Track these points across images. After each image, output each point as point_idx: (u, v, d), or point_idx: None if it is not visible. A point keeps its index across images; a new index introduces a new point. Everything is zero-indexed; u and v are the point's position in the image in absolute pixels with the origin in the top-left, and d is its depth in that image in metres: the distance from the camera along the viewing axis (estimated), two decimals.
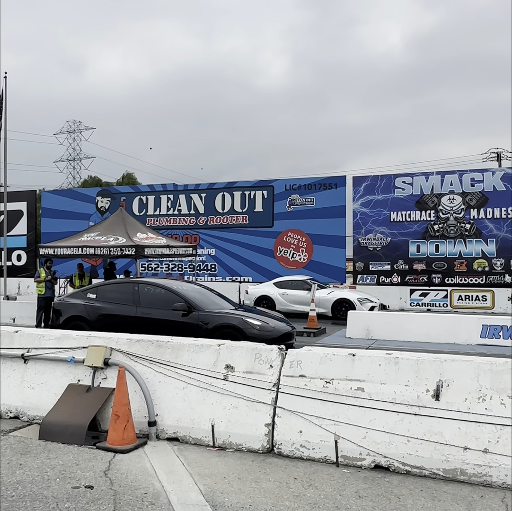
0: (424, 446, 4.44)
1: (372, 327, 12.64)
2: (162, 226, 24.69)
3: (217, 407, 5.15)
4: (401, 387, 4.68)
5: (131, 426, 5.03)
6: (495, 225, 20.41)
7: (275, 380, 5.08)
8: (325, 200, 22.38)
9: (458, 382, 4.55)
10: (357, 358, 4.93)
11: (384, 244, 21.74)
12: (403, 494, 4.07)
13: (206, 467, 4.60)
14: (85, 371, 5.73)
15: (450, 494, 4.08)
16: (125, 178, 54.00)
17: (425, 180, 21.38)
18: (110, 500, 3.93)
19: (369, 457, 4.57)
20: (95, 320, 10.62)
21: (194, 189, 25.06)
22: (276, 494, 4.06)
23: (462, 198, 20.81)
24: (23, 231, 27.44)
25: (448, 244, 20.90)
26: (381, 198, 21.80)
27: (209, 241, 24.39)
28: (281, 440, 4.87)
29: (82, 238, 15.18)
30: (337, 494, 4.07)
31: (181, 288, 10.78)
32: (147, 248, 14.44)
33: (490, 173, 20.86)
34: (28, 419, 5.80)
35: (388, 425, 4.58)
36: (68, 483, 4.23)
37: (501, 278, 20.19)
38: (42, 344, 6.10)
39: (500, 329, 11.50)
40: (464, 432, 4.38)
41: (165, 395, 5.37)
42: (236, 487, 4.18)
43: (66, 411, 5.42)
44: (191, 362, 5.42)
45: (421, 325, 12.22)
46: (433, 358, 4.77)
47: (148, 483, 4.24)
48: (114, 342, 5.80)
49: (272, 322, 10.08)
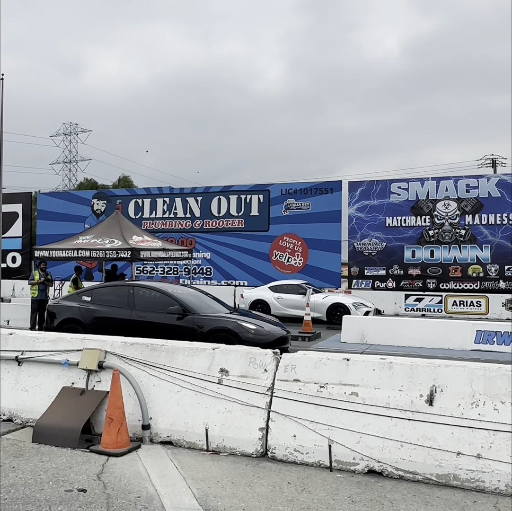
0: (417, 451, 4.45)
1: (367, 332, 12.66)
2: (157, 229, 24.66)
3: (211, 411, 5.15)
4: (395, 392, 4.69)
5: (124, 430, 5.02)
6: (490, 231, 20.49)
7: (269, 384, 5.09)
8: (321, 204, 22.42)
9: (452, 388, 4.57)
10: (351, 362, 4.94)
11: (379, 249, 21.79)
12: (396, 499, 4.08)
13: (200, 471, 4.60)
14: (79, 374, 5.72)
15: (443, 499, 4.09)
16: (121, 181, 53.97)
17: (420, 186, 21.44)
18: (103, 504, 3.93)
19: (362, 462, 4.57)
20: (90, 323, 10.60)
21: (190, 192, 25.06)
22: (270, 498, 4.06)
23: (457, 204, 20.89)
24: (18, 233, 27.35)
25: (443, 249, 20.96)
26: (377, 203, 21.85)
27: (205, 244, 24.38)
28: (275, 445, 4.87)
29: (78, 240, 15.14)
30: (331, 498, 4.07)
31: (176, 291, 10.78)
32: (142, 251, 14.42)
33: (485, 180, 20.94)
34: (22, 421, 5.78)
35: (382, 430, 4.59)
36: (61, 487, 4.22)
37: (496, 284, 20.26)
38: (37, 347, 6.08)
39: (494, 335, 11.53)
40: (457, 438, 4.39)
41: (159, 398, 5.36)
42: (230, 491, 4.18)
43: (59, 414, 5.41)
44: (185, 365, 5.42)
45: (416, 330, 12.25)
46: (427, 363, 4.79)
47: (141, 487, 4.23)
48: (108, 345, 5.79)
49: (267, 326, 10.09)
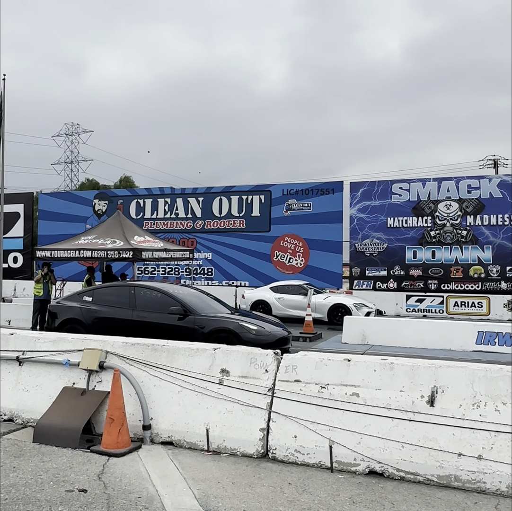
0: (418, 452, 4.44)
1: (368, 333, 12.64)
2: (159, 229, 24.67)
3: (212, 411, 5.14)
4: (396, 392, 4.68)
5: (125, 430, 5.02)
6: (492, 232, 20.46)
7: (270, 384, 5.08)
8: (322, 205, 22.41)
9: (453, 388, 4.56)
10: (352, 363, 4.94)
11: (380, 250, 21.77)
12: (397, 500, 4.07)
13: (200, 471, 4.59)
14: (80, 374, 5.71)
15: (444, 500, 4.08)
16: (122, 181, 53.99)
17: (422, 186, 21.42)
18: (103, 504, 3.92)
19: (363, 463, 4.57)
20: (91, 323, 10.60)
21: (191, 193, 25.06)
22: (270, 499, 4.05)
23: (459, 205, 20.87)
24: (20, 233, 27.38)
25: (444, 250, 20.93)
26: (378, 203, 21.84)
27: (206, 245, 24.38)
28: (276, 445, 4.86)
29: (79, 241, 15.15)
30: (331, 499, 4.07)
31: (177, 291, 10.78)
32: (144, 251, 14.43)
33: (486, 180, 20.91)
34: (23, 421, 5.78)
35: (383, 431, 4.58)
36: (62, 487, 4.22)
37: (497, 284, 20.24)
38: (38, 347, 6.08)
39: (496, 336, 11.52)
40: (458, 439, 4.39)
41: (160, 399, 5.36)
42: (230, 492, 4.18)
43: (60, 414, 5.41)
44: (186, 366, 5.41)
45: (417, 331, 12.24)
46: (428, 364, 4.78)
47: (142, 487, 4.23)
48: (109, 345, 5.79)
49: (268, 327, 10.08)
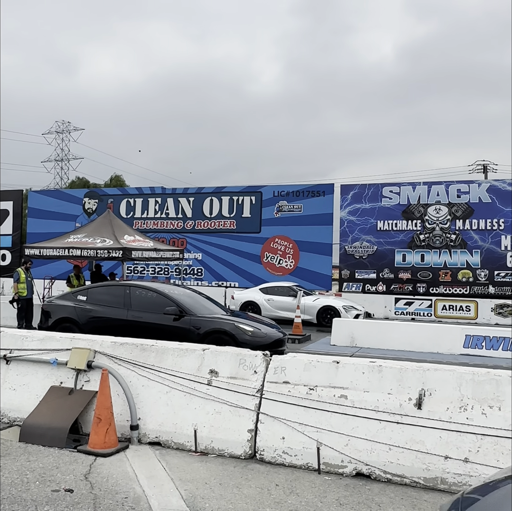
0: (405, 455, 4.46)
1: (357, 335, 12.68)
2: (149, 229, 24.58)
3: (200, 412, 5.14)
4: (384, 395, 4.70)
5: (113, 430, 5.00)
6: (480, 237, 20.60)
7: (259, 386, 5.08)
8: (313, 207, 22.45)
9: (441, 392, 4.59)
10: (341, 365, 4.95)
11: (370, 253, 21.85)
12: (384, 502, 4.09)
13: (188, 472, 4.58)
14: (68, 373, 5.68)
15: (430, 502, 4.10)
16: (113, 180, 53.79)
17: (412, 190, 21.53)
18: (90, 504, 3.90)
19: (350, 465, 4.58)
20: (85, 322, 10.46)
21: (182, 193, 25.01)
22: (257, 500, 4.05)
23: (448, 209, 21.00)
24: (9, 231, 27.16)
25: (433, 254, 21.05)
26: (368, 206, 21.92)
27: (196, 245, 24.33)
28: (264, 446, 4.87)
29: (69, 239, 15.07)
30: (318, 501, 4.08)
31: (173, 292, 10.66)
32: (134, 250, 14.38)
33: (476, 185, 21.06)
34: (9, 420, 5.74)
35: (370, 433, 4.60)
36: (48, 486, 4.19)
37: (485, 289, 20.38)
38: (25, 345, 6.04)
39: (483, 340, 11.60)
40: (445, 441, 4.41)
41: (148, 399, 5.34)
42: (218, 493, 4.17)
43: (47, 413, 5.37)
44: (175, 366, 5.40)
45: (405, 334, 12.30)
46: (416, 367, 4.81)
47: (129, 488, 4.22)
48: (98, 345, 5.77)
49: (264, 328, 10.02)
